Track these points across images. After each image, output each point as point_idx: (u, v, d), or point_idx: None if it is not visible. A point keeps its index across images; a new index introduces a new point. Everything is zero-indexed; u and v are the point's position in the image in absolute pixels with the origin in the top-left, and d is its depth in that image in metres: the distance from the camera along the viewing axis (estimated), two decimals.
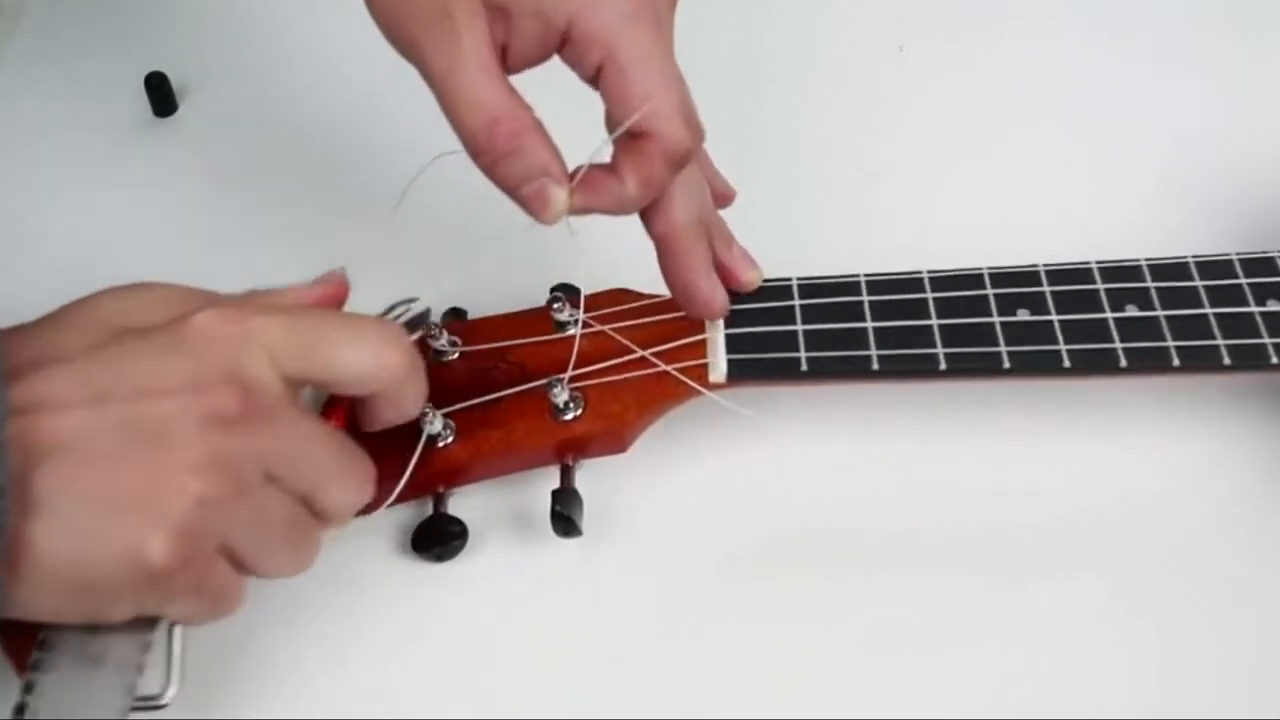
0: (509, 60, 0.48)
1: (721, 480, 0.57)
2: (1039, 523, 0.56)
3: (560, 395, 0.54)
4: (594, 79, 0.47)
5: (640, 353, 0.55)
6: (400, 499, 0.56)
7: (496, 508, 0.56)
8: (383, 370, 0.47)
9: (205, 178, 0.69)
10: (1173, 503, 0.56)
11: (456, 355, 0.57)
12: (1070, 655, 0.52)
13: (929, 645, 0.53)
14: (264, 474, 0.45)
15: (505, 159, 0.47)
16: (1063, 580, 0.54)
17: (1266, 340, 0.53)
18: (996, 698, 0.51)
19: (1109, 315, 0.53)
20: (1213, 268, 0.55)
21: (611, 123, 0.48)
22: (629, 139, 0.47)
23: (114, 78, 0.73)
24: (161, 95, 0.72)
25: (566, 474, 0.54)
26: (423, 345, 0.57)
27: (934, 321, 0.54)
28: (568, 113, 0.48)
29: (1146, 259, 0.55)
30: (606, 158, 0.50)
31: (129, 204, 0.69)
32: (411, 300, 0.54)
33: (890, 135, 0.69)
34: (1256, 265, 0.55)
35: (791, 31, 0.74)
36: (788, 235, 0.65)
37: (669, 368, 0.54)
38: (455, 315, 0.59)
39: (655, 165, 0.48)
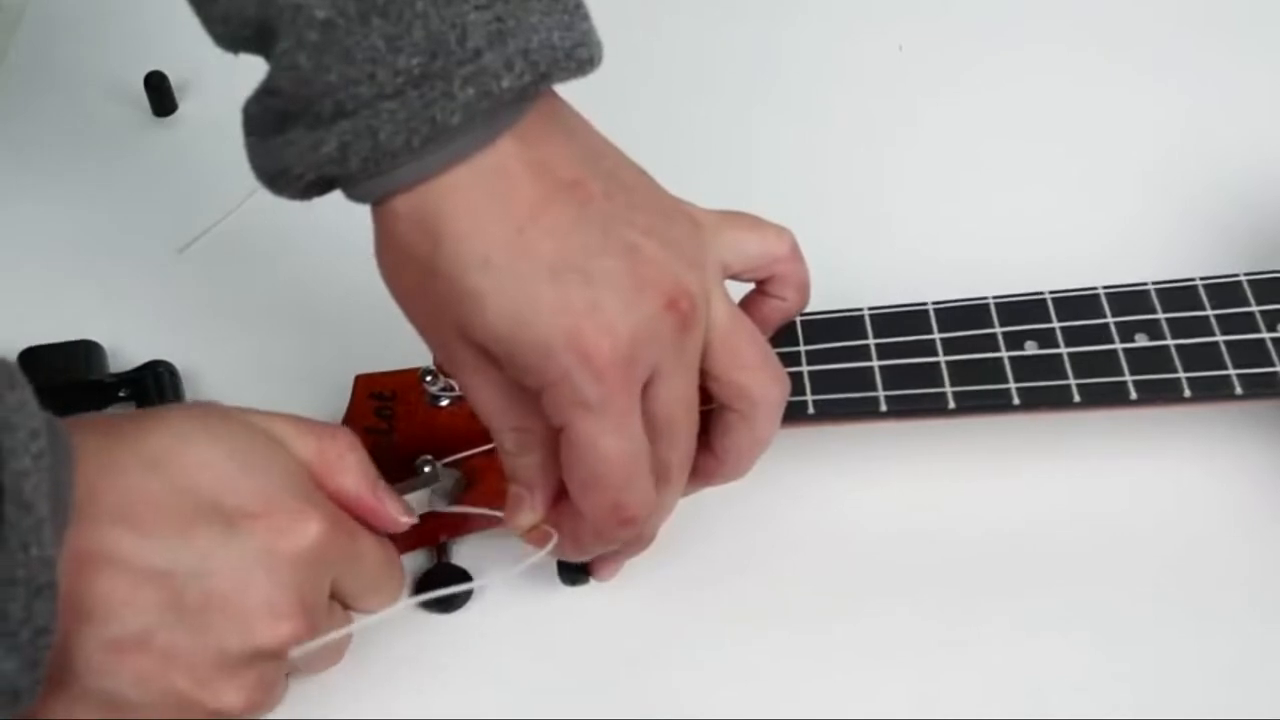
0: None
1: (730, 523, 0.56)
2: (1038, 539, 0.55)
3: None
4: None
5: None
6: (402, 550, 0.55)
7: (501, 556, 0.55)
8: None
9: (204, 177, 0.69)
10: (1174, 518, 0.56)
11: (453, 401, 0.56)
12: (1070, 668, 0.52)
13: (933, 668, 0.52)
14: None
15: (506, 456, 0.49)
16: (1062, 597, 0.54)
17: (1278, 369, 0.52)
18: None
19: (1118, 346, 0.53)
20: (1221, 291, 0.54)
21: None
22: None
23: (114, 78, 0.73)
24: (161, 95, 0.71)
25: None
26: (419, 391, 0.56)
27: (941, 359, 0.53)
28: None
29: (1154, 282, 0.55)
30: None
31: (129, 203, 0.69)
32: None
33: (889, 137, 0.69)
34: (1265, 288, 0.54)
35: (789, 31, 0.73)
36: None
37: None
38: None
39: (585, 537, 0.49)
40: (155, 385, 0.59)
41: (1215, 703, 0.51)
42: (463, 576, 0.54)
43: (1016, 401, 0.52)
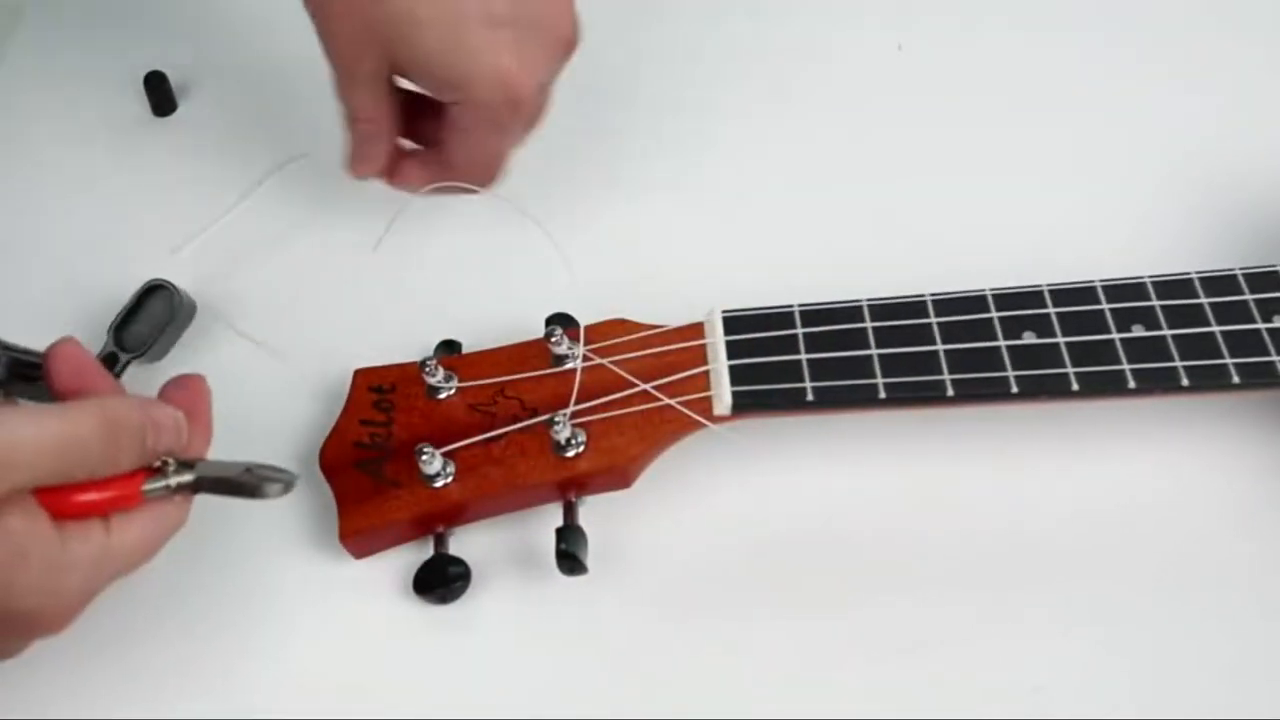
0: None
1: (728, 513, 0.56)
2: (1044, 540, 0.55)
3: (562, 432, 0.53)
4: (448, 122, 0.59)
5: (642, 386, 0.54)
6: (400, 541, 0.55)
7: (499, 546, 0.55)
8: None
9: (204, 177, 0.69)
10: (1173, 512, 0.56)
11: (453, 391, 0.56)
12: (1069, 664, 0.52)
13: (932, 666, 0.52)
14: None
15: (360, 140, 0.61)
16: (1061, 594, 0.54)
17: (1275, 358, 0.52)
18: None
19: (1115, 336, 0.53)
20: (1217, 284, 0.54)
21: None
22: (443, 159, 0.61)
23: (114, 77, 0.73)
24: (161, 95, 0.71)
25: (570, 511, 0.53)
26: (418, 383, 0.56)
27: (940, 346, 0.53)
28: None
29: (1150, 275, 0.55)
30: None
31: (128, 203, 0.69)
32: None
33: (888, 136, 0.69)
34: (1260, 280, 0.54)
35: (789, 31, 0.74)
36: (782, 242, 0.65)
37: (673, 401, 0.53)
38: (449, 349, 0.58)
39: (452, 185, 0.61)
40: None
41: (1215, 701, 0.51)
42: (461, 567, 0.54)
43: (1015, 390, 0.52)
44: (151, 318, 0.62)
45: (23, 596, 0.44)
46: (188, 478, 0.47)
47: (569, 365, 0.55)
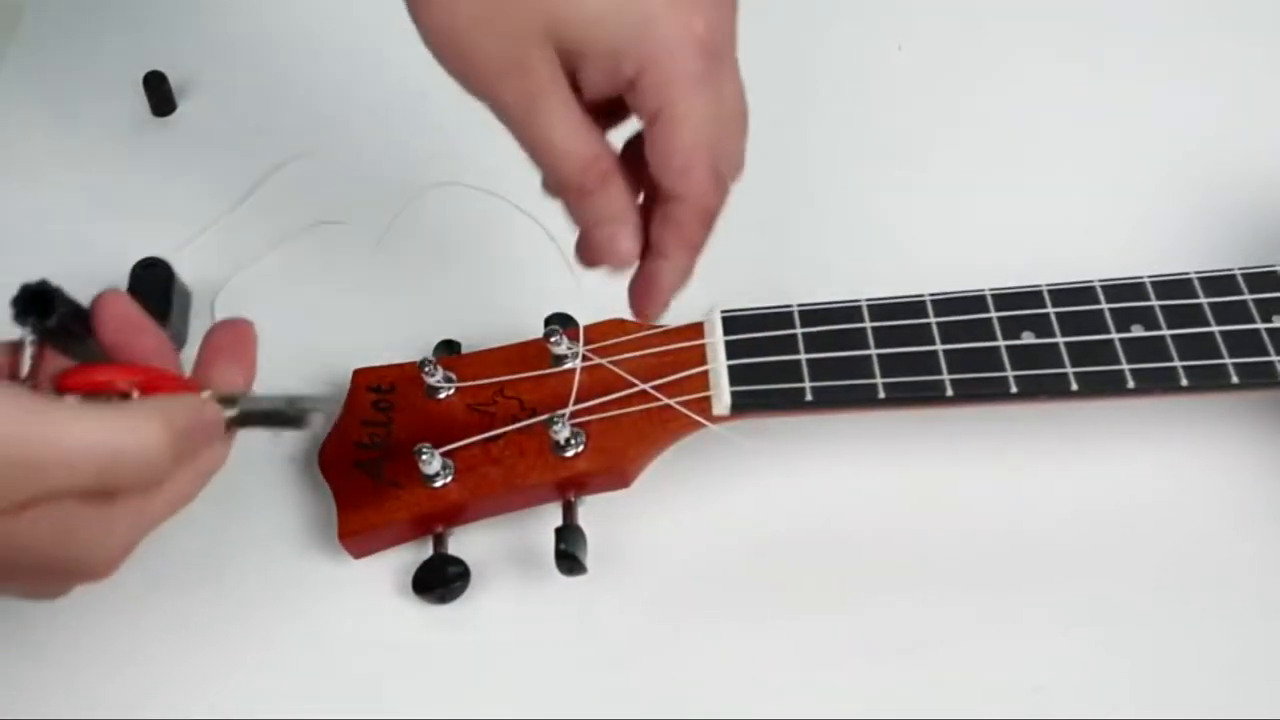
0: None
1: (728, 513, 0.56)
2: (1044, 541, 0.55)
3: (561, 432, 0.53)
4: (642, 117, 0.48)
5: (641, 386, 0.54)
6: (399, 540, 0.55)
7: (498, 546, 0.56)
8: None
9: (203, 177, 0.69)
10: (1173, 512, 0.56)
11: (452, 391, 0.56)
12: (1069, 665, 0.52)
13: (931, 666, 0.52)
14: None
15: (590, 197, 0.48)
16: (1062, 594, 0.54)
17: (1274, 358, 0.52)
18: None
19: (1115, 336, 0.53)
20: (1216, 284, 0.54)
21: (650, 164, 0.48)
22: (663, 203, 0.48)
23: (113, 77, 0.73)
24: (160, 95, 0.71)
25: (569, 511, 0.53)
26: (418, 383, 0.56)
27: (939, 347, 0.53)
28: None
29: (1150, 275, 0.55)
30: None
31: (127, 203, 0.69)
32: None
33: (888, 136, 0.69)
34: (1259, 280, 0.54)
35: (789, 30, 0.73)
36: (781, 242, 0.65)
37: (672, 401, 0.53)
38: (449, 349, 0.58)
39: (691, 228, 0.49)
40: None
41: (1215, 701, 0.51)
42: (460, 567, 0.54)
43: (1014, 390, 0.52)
44: (153, 294, 0.62)
45: (66, 560, 0.43)
46: (232, 412, 0.46)
47: (568, 365, 0.55)
